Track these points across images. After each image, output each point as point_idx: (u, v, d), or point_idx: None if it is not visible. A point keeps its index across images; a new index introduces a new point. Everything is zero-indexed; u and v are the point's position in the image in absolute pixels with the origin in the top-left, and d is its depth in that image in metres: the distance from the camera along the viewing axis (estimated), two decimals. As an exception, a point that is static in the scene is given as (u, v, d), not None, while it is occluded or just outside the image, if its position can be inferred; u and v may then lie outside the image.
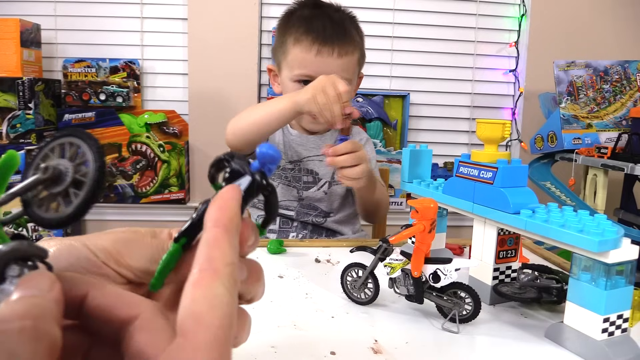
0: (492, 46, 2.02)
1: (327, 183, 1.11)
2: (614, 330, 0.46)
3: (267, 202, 0.28)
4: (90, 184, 0.24)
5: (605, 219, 0.48)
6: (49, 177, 0.24)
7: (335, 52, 1.01)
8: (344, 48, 1.01)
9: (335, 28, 1.02)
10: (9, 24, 1.65)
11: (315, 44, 1.00)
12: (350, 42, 1.03)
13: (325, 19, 1.04)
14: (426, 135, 2.02)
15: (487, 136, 0.59)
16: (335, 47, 1.01)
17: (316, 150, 1.12)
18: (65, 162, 0.25)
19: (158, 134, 1.90)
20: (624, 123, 1.65)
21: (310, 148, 1.12)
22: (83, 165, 0.25)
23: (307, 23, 1.03)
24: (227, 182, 0.27)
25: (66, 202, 0.24)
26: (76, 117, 1.84)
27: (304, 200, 1.11)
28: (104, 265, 0.27)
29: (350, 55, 1.03)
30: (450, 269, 0.52)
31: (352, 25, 1.07)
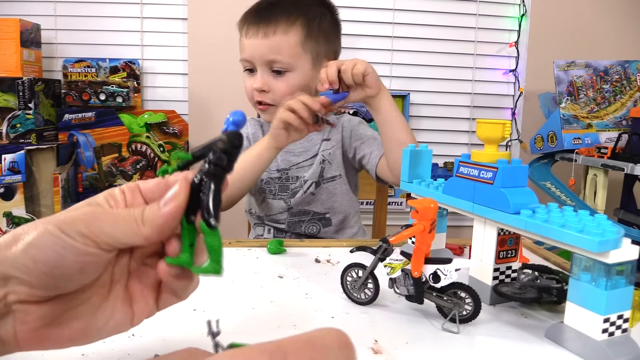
0: (492, 46, 2.02)
1: (314, 183, 1.06)
2: (614, 330, 0.46)
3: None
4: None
5: (606, 219, 0.48)
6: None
7: (260, 31, 0.96)
8: (270, 27, 0.95)
9: (270, 6, 0.98)
10: (9, 24, 1.65)
11: (244, 25, 0.99)
12: (281, 20, 0.96)
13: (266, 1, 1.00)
14: (426, 135, 2.02)
15: (487, 136, 0.59)
16: (261, 26, 0.96)
17: (305, 154, 1.08)
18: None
19: (158, 134, 1.90)
20: (624, 123, 1.65)
21: (299, 153, 1.08)
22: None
23: (250, 8, 1.01)
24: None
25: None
26: (76, 117, 1.83)
27: (293, 208, 1.06)
28: (86, 249, 0.29)
29: (282, 35, 0.96)
30: (450, 269, 0.52)
31: (298, 3, 0.99)
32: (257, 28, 0.97)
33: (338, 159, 1.08)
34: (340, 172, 1.08)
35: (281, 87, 0.99)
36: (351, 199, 1.11)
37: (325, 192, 1.06)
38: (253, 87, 1.00)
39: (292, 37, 0.97)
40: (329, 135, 1.09)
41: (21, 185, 1.62)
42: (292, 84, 0.99)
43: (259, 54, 0.98)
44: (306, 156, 1.08)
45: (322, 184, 1.06)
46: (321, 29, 1.01)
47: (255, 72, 1.01)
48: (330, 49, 1.04)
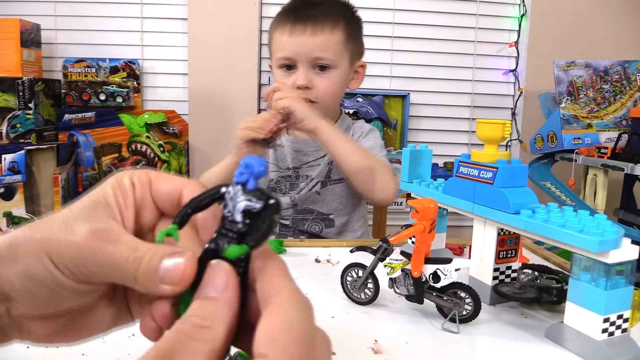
0: (492, 46, 2.01)
1: (319, 183, 1.07)
2: (614, 330, 0.46)
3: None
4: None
5: (605, 219, 0.48)
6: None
7: (308, 29, 0.98)
8: (318, 25, 0.98)
9: (311, 6, 1.00)
10: (9, 24, 1.65)
11: (288, 24, 0.99)
12: (327, 19, 0.99)
13: (304, 2, 1.02)
14: (426, 135, 2.02)
15: (487, 136, 0.59)
16: (308, 24, 0.98)
17: (316, 153, 1.09)
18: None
19: (158, 134, 1.90)
20: (624, 123, 1.65)
21: (309, 152, 1.10)
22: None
23: (287, 8, 1.03)
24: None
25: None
26: (76, 117, 1.83)
27: (297, 205, 1.07)
28: (81, 287, 0.27)
29: (329, 34, 0.99)
30: (450, 269, 0.52)
31: (335, 5, 1.04)
32: (304, 26, 0.98)
33: None
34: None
35: (324, 83, 1.01)
36: (357, 203, 1.11)
37: (330, 193, 1.07)
38: (297, 84, 0.99)
39: (337, 35, 1.01)
40: None
41: (21, 185, 1.62)
42: (335, 80, 1.02)
43: (306, 51, 0.98)
44: (316, 155, 1.09)
45: (328, 184, 1.07)
46: (356, 30, 1.06)
47: (293, 70, 1.01)
48: (361, 50, 1.09)
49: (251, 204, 0.24)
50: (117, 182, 0.29)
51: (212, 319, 0.23)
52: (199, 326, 0.22)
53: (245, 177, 0.25)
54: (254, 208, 0.24)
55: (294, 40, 0.99)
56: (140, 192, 0.29)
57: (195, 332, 0.22)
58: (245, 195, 0.25)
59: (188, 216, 0.26)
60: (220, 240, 0.25)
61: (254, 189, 0.25)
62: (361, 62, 1.10)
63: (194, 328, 0.22)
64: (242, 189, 0.25)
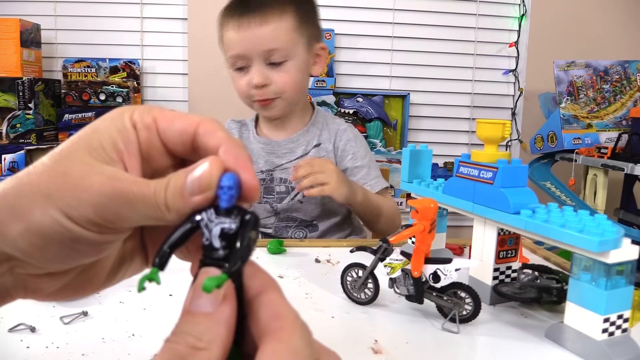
0: (492, 46, 2.02)
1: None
2: (614, 330, 0.46)
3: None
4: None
5: (606, 219, 0.48)
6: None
7: (255, 20, 0.90)
8: (265, 14, 0.91)
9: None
10: (9, 24, 1.65)
11: (234, 19, 0.92)
12: (274, 5, 0.92)
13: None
14: (426, 135, 2.02)
15: (487, 136, 0.59)
16: (255, 15, 0.91)
17: (289, 155, 1.03)
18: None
19: (158, 134, 1.90)
20: (624, 123, 1.65)
21: (282, 154, 1.04)
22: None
23: (231, 2, 0.97)
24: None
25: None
26: (76, 117, 1.83)
27: (280, 214, 1.02)
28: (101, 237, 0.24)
29: (277, 21, 0.92)
30: (450, 269, 0.52)
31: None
32: (249, 18, 0.91)
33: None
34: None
35: (282, 77, 0.95)
36: (341, 206, 1.05)
37: (313, 200, 1.02)
38: (253, 83, 0.94)
39: (288, 21, 0.93)
40: (319, 140, 1.05)
41: (21, 185, 1.62)
42: (293, 72, 0.95)
43: (255, 45, 0.92)
44: (290, 157, 1.04)
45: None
46: (309, 12, 1.00)
47: (248, 69, 0.95)
48: (319, 31, 1.03)
49: (226, 226, 0.23)
50: (115, 125, 0.25)
51: (207, 340, 0.21)
52: (194, 347, 0.20)
53: (224, 198, 0.23)
54: (230, 229, 0.23)
55: (242, 35, 0.92)
56: (145, 137, 0.26)
57: (190, 355, 0.20)
58: (218, 218, 0.23)
59: (168, 256, 0.24)
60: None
61: (228, 207, 0.23)
62: (321, 44, 1.02)
63: (189, 350, 0.20)
64: (215, 211, 0.23)
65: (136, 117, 0.25)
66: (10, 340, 0.48)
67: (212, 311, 0.21)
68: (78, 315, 0.53)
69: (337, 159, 1.05)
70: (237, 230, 0.23)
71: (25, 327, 0.50)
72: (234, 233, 0.23)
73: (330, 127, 1.07)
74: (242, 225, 0.23)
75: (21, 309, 0.54)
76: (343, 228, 1.08)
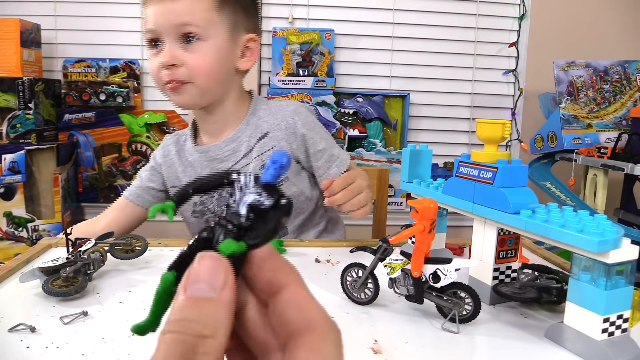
0: (492, 46, 2.01)
1: None
2: (614, 330, 0.46)
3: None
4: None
5: (605, 219, 0.48)
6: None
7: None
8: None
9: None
10: (9, 24, 1.65)
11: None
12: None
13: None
14: (426, 135, 2.02)
15: (487, 136, 0.59)
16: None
17: (234, 155, 0.94)
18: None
19: (158, 134, 1.90)
20: (624, 123, 1.65)
21: (226, 157, 0.95)
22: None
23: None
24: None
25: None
26: (76, 117, 1.84)
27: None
28: None
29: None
30: (450, 269, 0.52)
31: None
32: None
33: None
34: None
35: (195, 58, 0.86)
36: (307, 197, 0.98)
37: None
38: (160, 62, 0.85)
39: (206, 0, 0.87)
40: (263, 130, 0.95)
41: (21, 185, 1.62)
42: (206, 54, 0.86)
43: (167, 20, 0.84)
44: (235, 158, 0.95)
45: None
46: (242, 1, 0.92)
47: (161, 46, 0.87)
48: (250, 22, 0.95)
49: (260, 199, 0.22)
50: None
51: (213, 327, 0.19)
52: (201, 335, 0.19)
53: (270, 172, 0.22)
54: (262, 204, 0.22)
55: (156, 8, 0.85)
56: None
57: (199, 345, 0.19)
58: (256, 188, 0.22)
59: (188, 196, 0.23)
60: (217, 231, 0.22)
61: (268, 183, 0.22)
62: (250, 36, 0.93)
63: (196, 339, 0.19)
64: (255, 180, 0.22)
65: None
66: (10, 340, 0.48)
67: (215, 296, 0.20)
68: (78, 315, 0.53)
69: (295, 145, 0.96)
70: (268, 208, 0.22)
71: (25, 327, 0.50)
72: (264, 209, 0.22)
73: (275, 112, 0.97)
74: (275, 206, 0.22)
75: (21, 309, 0.54)
76: (316, 223, 1.02)
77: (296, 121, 0.95)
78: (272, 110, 0.98)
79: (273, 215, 0.22)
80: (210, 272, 0.20)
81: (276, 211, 0.22)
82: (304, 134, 0.95)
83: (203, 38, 0.86)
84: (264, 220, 0.22)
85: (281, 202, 0.22)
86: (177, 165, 0.99)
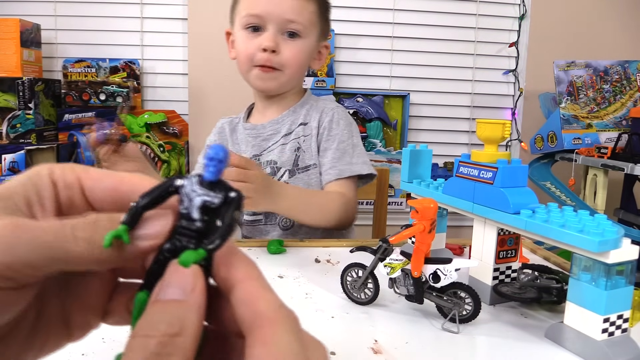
0: (492, 46, 2.02)
1: (287, 171, 0.99)
2: (614, 330, 0.46)
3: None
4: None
5: (605, 219, 0.48)
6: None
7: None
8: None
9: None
10: (9, 24, 1.65)
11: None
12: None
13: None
14: (426, 135, 2.02)
15: (487, 136, 0.59)
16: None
17: (275, 136, 1.02)
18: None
19: (158, 134, 1.90)
20: (624, 123, 1.65)
21: (269, 136, 1.02)
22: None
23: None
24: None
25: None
26: (76, 117, 1.84)
27: None
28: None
29: (304, 0, 0.95)
30: (450, 269, 0.52)
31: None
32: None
33: (313, 149, 1.01)
34: (316, 161, 1.01)
35: (292, 50, 0.95)
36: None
37: (300, 182, 0.99)
38: (263, 45, 0.93)
39: (312, 5, 0.97)
40: (305, 119, 1.03)
41: (21, 185, 1.62)
42: (302, 50, 0.97)
43: (278, 11, 0.93)
44: (276, 138, 1.02)
45: (297, 173, 1.00)
46: (327, 9, 1.03)
47: (260, 32, 0.95)
48: (328, 30, 1.06)
49: (209, 199, 0.22)
50: (30, 180, 0.23)
51: (180, 325, 0.19)
52: (166, 334, 0.19)
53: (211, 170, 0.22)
54: (212, 203, 0.22)
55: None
56: (66, 196, 0.23)
57: (165, 344, 0.18)
58: (202, 189, 0.22)
59: (139, 214, 0.22)
60: (177, 241, 0.22)
61: (213, 180, 0.22)
62: (325, 43, 1.05)
63: (163, 339, 0.18)
64: (200, 181, 0.22)
65: (57, 175, 0.23)
66: (10, 340, 0.48)
67: (184, 298, 0.20)
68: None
69: (319, 136, 1.02)
70: (219, 206, 0.22)
71: (25, 327, 0.49)
72: (216, 208, 0.22)
73: (318, 106, 1.05)
74: (226, 202, 0.22)
75: (21, 309, 0.54)
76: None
77: (327, 116, 1.03)
78: (317, 105, 1.06)
79: (227, 212, 0.22)
80: (179, 277, 0.20)
81: (228, 207, 0.22)
82: (327, 127, 1.02)
83: (302, 36, 0.96)
84: (220, 218, 0.22)
85: (230, 196, 0.22)
86: (228, 142, 1.08)
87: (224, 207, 0.22)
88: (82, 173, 0.24)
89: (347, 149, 1.00)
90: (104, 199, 0.24)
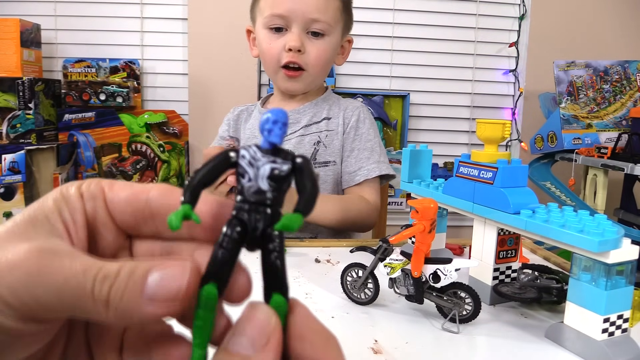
0: (492, 46, 2.01)
1: None
2: (614, 330, 0.46)
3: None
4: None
5: (605, 219, 0.48)
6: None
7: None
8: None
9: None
10: (9, 24, 1.65)
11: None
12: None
13: None
14: (426, 135, 2.02)
15: (487, 136, 0.59)
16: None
17: (294, 125, 1.02)
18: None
19: (158, 134, 1.90)
20: (624, 123, 1.65)
21: (289, 125, 1.05)
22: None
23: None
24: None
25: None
26: (76, 117, 1.83)
27: None
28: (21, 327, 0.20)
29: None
30: (450, 269, 0.52)
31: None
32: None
33: (335, 146, 1.01)
34: (336, 159, 1.01)
35: (316, 50, 0.95)
36: (341, 191, 1.04)
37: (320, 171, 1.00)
38: (289, 45, 0.93)
39: (337, 0, 0.96)
40: (329, 114, 1.03)
41: (21, 185, 1.62)
42: (327, 49, 0.96)
43: (303, 10, 0.92)
44: (295, 128, 1.01)
45: (315, 167, 1.00)
46: (349, 2, 1.02)
47: (284, 32, 0.94)
48: (351, 23, 1.05)
49: (278, 166, 0.20)
50: (62, 194, 0.23)
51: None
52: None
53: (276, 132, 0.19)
54: (282, 171, 0.20)
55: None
56: (91, 206, 0.23)
57: None
58: (266, 157, 0.20)
59: (197, 192, 0.20)
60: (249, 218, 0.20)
61: (276, 146, 0.20)
62: (349, 37, 1.04)
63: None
64: (259, 150, 0.20)
65: (83, 188, 0.23)
66: (10, 340, 0.47)
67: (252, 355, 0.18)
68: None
69: (345, 134, 1.03)
70: (288, 173, 0.20)
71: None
72: (285, 176, 0.20)
73: (341, 104, 1.06)
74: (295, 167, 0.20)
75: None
76: None
77: (354, 115, 1.03)
78: (340, 103, 1.06)
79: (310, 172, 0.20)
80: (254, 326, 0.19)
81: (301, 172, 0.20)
82: (357, 122, 1.02)
83: (327, 34, 0.95)
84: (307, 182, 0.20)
85: (297, 162, 0.20)
86: (242, 126, 1.08)
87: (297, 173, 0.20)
88: (105, 184, 0.24)
89: (375, 148, 1.02)
90: (124, 210, 0.23)
